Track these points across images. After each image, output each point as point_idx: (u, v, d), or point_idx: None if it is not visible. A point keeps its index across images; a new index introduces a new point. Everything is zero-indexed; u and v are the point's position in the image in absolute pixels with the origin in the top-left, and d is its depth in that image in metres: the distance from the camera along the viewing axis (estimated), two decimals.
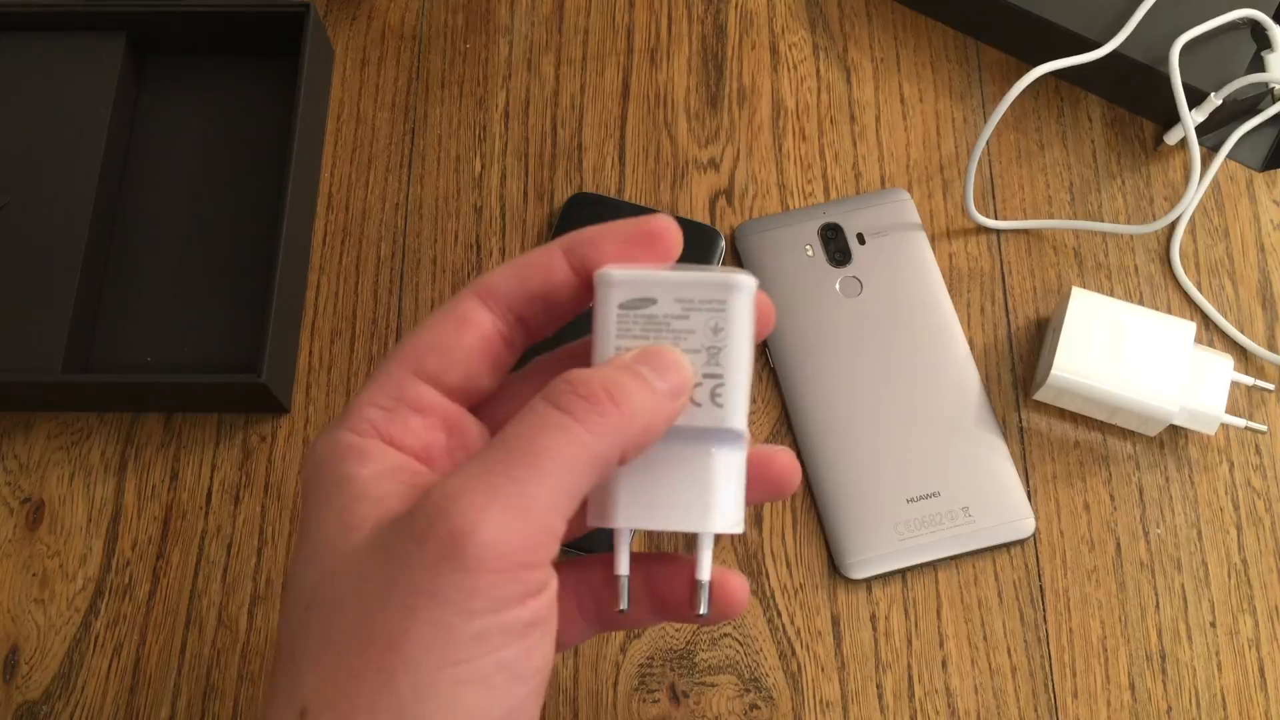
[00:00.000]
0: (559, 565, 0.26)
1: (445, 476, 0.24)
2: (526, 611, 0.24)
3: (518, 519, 0.23)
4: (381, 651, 0.23)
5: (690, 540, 0.29)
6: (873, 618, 0.49)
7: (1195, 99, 0.54)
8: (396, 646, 0.23)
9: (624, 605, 0.28)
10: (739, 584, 0.30)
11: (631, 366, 0.26)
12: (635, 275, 0.28)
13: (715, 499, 0.28)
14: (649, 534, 0.49)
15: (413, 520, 0.24)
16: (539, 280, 0.28)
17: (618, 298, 0.28)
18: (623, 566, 0.28)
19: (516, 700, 0.24)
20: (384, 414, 0.27)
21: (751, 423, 0.52)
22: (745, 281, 0.27)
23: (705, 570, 0.29)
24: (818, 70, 0.59)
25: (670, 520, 0.28)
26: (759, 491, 0.30)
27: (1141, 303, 0.54)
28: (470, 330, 0.28)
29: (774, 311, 0.29)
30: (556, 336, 0.31)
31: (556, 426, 0.24)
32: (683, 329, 0.27)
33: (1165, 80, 0.54)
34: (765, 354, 0.53)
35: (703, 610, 0.28)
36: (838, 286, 0.54)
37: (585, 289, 0.28)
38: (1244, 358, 0.53)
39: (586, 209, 0.56)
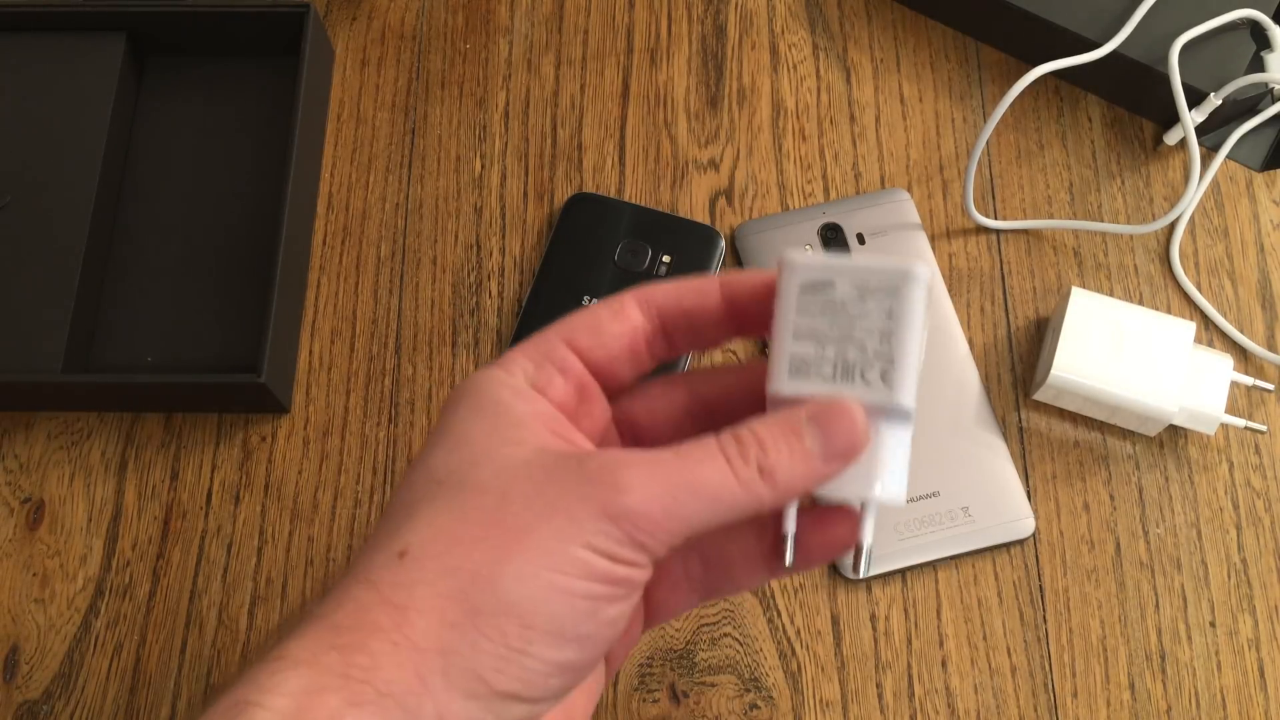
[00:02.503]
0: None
1: (623, 450, 0.29)
2: (621, 570, 0.28)
3: (659, 508, 0.28)
4: (506, 534, 0.28)
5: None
6: (873, 617, 0.49)
7: (1195, 99, 0.54)
8: (521, 536, 0.27)
9: (790, 561, 0.31)
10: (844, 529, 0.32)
11: (799, 431, 0.29)
12: (816, 261, 0.30)
13: (879, 470, 0.30)
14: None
15: (584, 462, 0.28)
16: (693, 299, 0.32)
17: (800, 279, 0.30)
18: (790, 525, 0.31)
19: (584, 635, 0.28)
20: (534, 366, 0.31)
21: None
22: (920, 271, 0.29)
23: (868, 535, 0.31)
24: (818, 70, 0.59)
25: (838, 489, 0.30)
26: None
27: (1141, 303, 0.54)
28: (622, 321, 0.32)
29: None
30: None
31: (718, 469, 0.29)
32: (858, 313, 0.30)
33: (1165, 80, 0.54)
34: (766, 354, 0.53)
35: (862, 574, 0.31)
36: None
37: (729, 320, 0.32)
38: (1244, 358, 0.53)
39: (586, 209, 0.56)
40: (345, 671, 0.27)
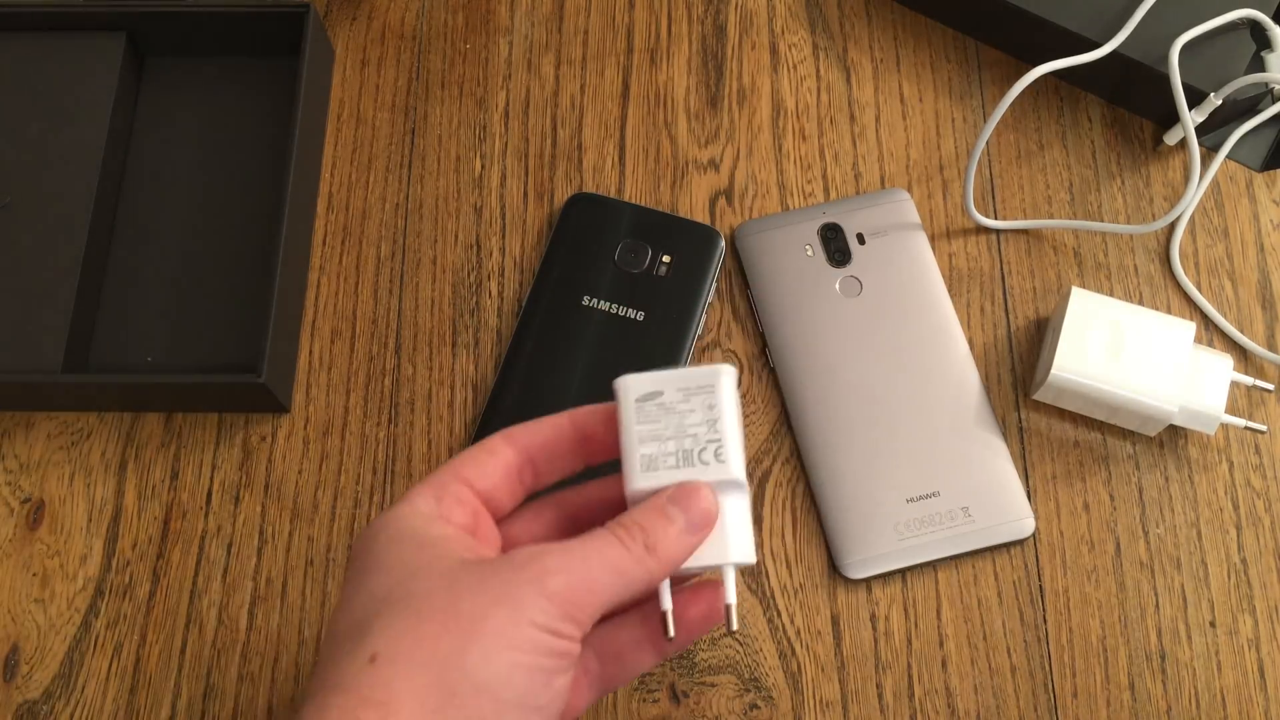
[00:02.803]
0: None
1: (541, 544, 0.34)
2: (562, 643, 0.32)
3: (580, 586, 0.33)
4: (463, 624, 0.31)
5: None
6: (873, 618, 0.49)
7: (1195, 99, 0.54)
8: (478, 623, 0.31)
9: (672, 633, 0.36)
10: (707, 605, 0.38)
11: (666, 510, 0.34)
12: (643, 378, 0.36)
13: (728, 535, 0.35)
14: None
15: (511, 558, 0.33)
16: (549, 431, 0.37)
17: (633, 394, 0.36)
18: (666, 602, 0.36)
19: (542, 705, 0.32)
20: (435, 498, 0.36)
21: (751, 423, 0.52)
22: (726, 369, 0.36)
23: (731, 594, 0.36)
24: (818, 70, 0.59)
25: (698, 559, 0.35)
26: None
27: (1141, 303, 0.54)
28: (497, 457, 0.37)
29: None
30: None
31: (616, 550, 0.34)
32: (685, 410, 0.35)
33: (1165, 80, 0.54)
34: (766, 354, 0.53)
35: (734, 627, 0.36)
36: (838, 286, 0.54)
37: (580, 448, 0.37)
38: (1244, 358, 0.53)
39: (586, 209, 0.56)
40: None
